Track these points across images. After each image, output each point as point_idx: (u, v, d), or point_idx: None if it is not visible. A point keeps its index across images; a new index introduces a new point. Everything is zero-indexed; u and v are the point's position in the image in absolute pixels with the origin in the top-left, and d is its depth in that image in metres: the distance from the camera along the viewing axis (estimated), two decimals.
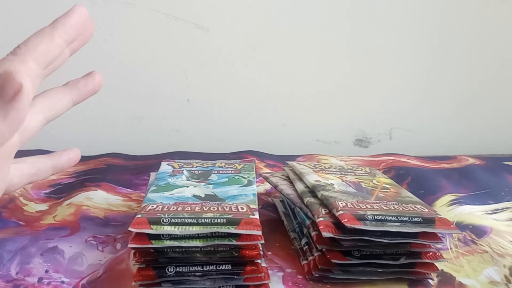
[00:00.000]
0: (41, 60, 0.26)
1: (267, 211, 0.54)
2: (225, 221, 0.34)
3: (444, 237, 0.48)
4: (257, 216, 0.36)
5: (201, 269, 0.35)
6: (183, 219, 0.35)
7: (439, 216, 0.39)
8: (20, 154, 0.29)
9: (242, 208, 0.37)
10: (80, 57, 0.80)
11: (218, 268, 0.35)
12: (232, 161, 0.53)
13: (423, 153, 0.80)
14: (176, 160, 0.53)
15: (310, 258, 0.41)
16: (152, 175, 0.49)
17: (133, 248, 0.34)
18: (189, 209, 0.36)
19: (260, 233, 0.34)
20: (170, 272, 0.35)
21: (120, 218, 0.51)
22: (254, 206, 0.38)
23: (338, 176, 0.49)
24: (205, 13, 0.76)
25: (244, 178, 0.46)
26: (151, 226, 0.34)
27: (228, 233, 0.34)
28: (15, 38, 0.28)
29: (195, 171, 0.48)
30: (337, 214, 0.38)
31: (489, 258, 0.45)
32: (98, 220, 0.50)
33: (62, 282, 0.39)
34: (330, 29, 0.80)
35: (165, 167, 0.50)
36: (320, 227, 0.38)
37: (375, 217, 0.37)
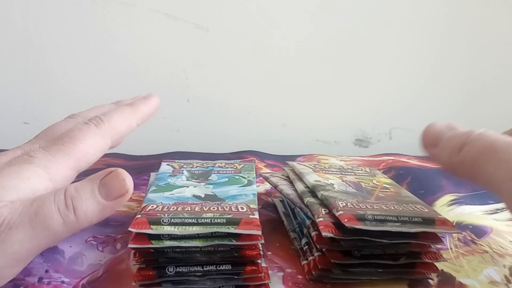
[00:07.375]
0: (116, 137, 0.32)
1: (267, 211, 0.54)
2: (225, 221, 0.34)
3: (444, 237, 0.48)
4: (257, 216, 0.36)
5: (201, 269, 0.35)
6: (183, 219, 0.34)
7: (439, 216, 0.39)
8: None
9: (242, 208, 0.37)
10: (80, 57, 0.80)
11: (218, 268, 0.35)
12: (232, 161, 0.53)
13: (423, 153, 0.80)
14: (176, 160, 0.53)
15: (310, 258, 0.41)
16: (152, 175, 0.49)
17: (133, 248, 0.34)
18: (189, 209, 0.36)
19: (260, 233, 0.34)
20: (170, 272, 0.35)
21: (120, 218, 0.51)
22: (254, 206, 0.38)
23: (338, 176, 0.49)
24: (205, 13, 0.76)
25: (244, 178, 0.46)
26: (151, 226, 0.34)
27: (228, 233, 0.34)
28: (15, 37, 0.29)
29: (195, 171, 0.48)
30: (337, 214, 0.38)
31: (489, 258, 0.45)
32: None
33: (62, 282, 0.39)
34: (330, 29, 0.80)
35: (165, 167, 0.50)
36: (320, 227, 0.38)
37: (375, 217, 0.37)
